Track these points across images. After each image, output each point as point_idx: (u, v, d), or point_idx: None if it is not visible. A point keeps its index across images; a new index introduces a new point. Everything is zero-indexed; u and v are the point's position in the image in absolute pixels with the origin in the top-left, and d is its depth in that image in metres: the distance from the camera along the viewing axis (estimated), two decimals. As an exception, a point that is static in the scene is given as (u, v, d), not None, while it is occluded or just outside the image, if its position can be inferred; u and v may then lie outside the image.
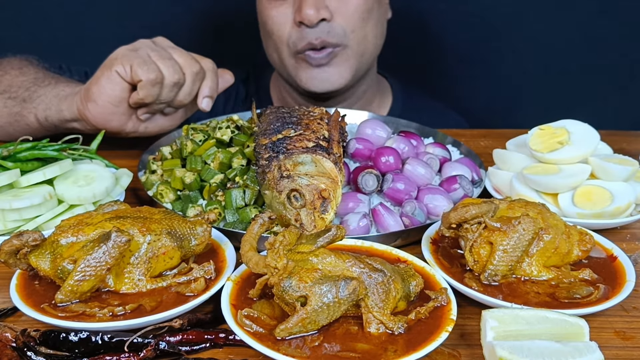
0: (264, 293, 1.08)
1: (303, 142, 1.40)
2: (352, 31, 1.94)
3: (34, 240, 1.08)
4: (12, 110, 1.77)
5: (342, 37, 1.93)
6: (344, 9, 1.91)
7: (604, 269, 1.21)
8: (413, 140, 1.63)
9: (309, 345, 0.97)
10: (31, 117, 1.73)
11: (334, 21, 1.91)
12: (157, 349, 1.00)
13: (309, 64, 1.97)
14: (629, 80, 2.91)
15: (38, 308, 1.04)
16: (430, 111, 2.34)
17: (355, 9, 1.93)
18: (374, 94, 2.27)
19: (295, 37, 1.93)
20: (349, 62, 1.99)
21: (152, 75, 1.52)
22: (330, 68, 1.97)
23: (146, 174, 1.59)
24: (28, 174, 1.37)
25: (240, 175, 1.46)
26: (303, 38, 1.91)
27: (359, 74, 2.06)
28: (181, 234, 1.16)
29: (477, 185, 1.58)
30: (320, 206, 1.28)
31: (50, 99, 1.71)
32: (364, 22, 1.96)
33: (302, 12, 1.85)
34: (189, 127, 1.64)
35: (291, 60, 2.00)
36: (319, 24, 1.89)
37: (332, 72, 1.98)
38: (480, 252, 1.16)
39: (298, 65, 1.99)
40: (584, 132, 1.52)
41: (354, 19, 1.93)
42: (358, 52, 1.99)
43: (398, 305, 1.06)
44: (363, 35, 1.98)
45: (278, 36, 1.97)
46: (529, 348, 0.95)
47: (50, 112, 1.70)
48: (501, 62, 2.89)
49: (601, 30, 2.79)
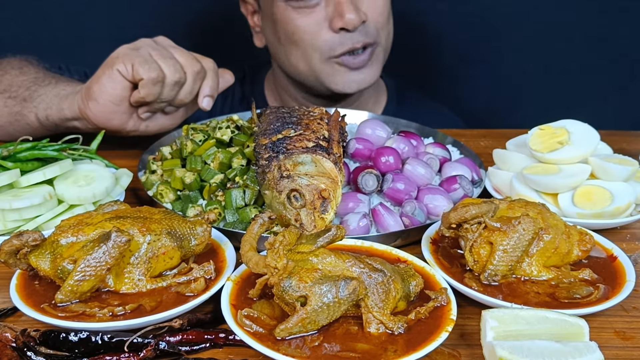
0: (264, 293, 1.08)
1: (303, 142, 1.40)
2: (382, 28, 1.99)
3: (34, 240, 1.08)
4: (13, 109, 1.77)
5: (375, 35, 1.97)
6: (373, 8, 1.95)
7: (604, 269, 1.21)
8: (413, 140, 1.63)
9: (309, 345, 0.97)
10: (32, 117, 1.73)
11: (368, 23, 1.94)
12: (157, 349, 1.00)
13: (348, 68, 1.98)
14: (629, 80, 2.91)
15: (38, 308, 1.04)
16: (426, 111, 2.35)
17: (381, 6, 1.97)
18: (371, 93, 2.28)
19: (333, 42, 1.94)
20: (379, 59, 2.04)
21: (153, 73, 1.52)
22: (366, 69, 2.01)
23: (146, 174, 1.59)
24: (28, 174, 1.37)
25: (240, 175, 1.46)
26: (343, 43, 1.93)
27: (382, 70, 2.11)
28: (181, 234, 1.16)
29: (477, 185, 1.58)
30: (320, 206, 1.28)
31: (51, 98, 1.71)
32: (388, 17, 2.02)
33: (345, 17, 1.87)
34: (189, 127, 1.64)
35: (324, 66, 1.99)
36: (360, 28, 1.91)
37: (367, 72, 2.02)
38: (480, 252, 1.16)
39: (334, 71, 2.00)
40: (584, 132, 1.52)
41: (382, 17, 1.98)
42: (386, 49, 2.05)
43: (398, 305, 1.06)
44: (388, 31, 2.04)
45: (311, 44, 1.96)
46: (529, 348, 0.95)
47: (51, 111, 1.70)
48: (501, 62, 2.89)
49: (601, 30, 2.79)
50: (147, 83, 1.53)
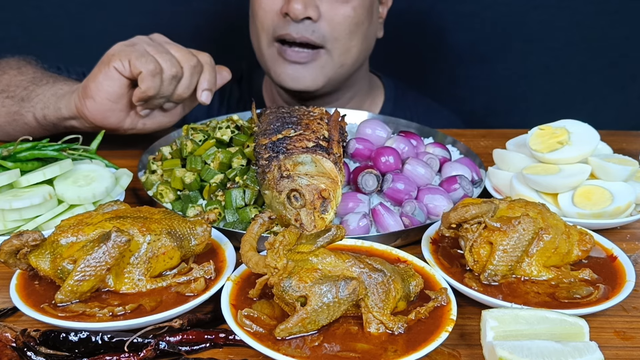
0: (264, 293, 1.08)
1: (303, 142, 1.40)
2: (336, 39, 1.94)
3: (34, 240, 1.08)
4: (10, 109, 1.77)
5: (325, 40, 1.93)
6: (332, 15, 1.91)
7: (604, 269, 1.21)
8: (413, 140, 1.63)
9: (309, 345, 0.97)
10: (29, 116, 1.73)
11: (319, 23, 1.91)
12: (157, 349, 1.00)
13: (283, 58, 1.96)
14: (629, 80, 2.91)
15: (38, 308, 1.04)
16: (424, 110, 2.34)
17: (344, 18, 1.92)
18: (365, 96, 2.27)
19: (276, 24, 1.93)
20: (325, 68, 1.98)
21: (150, 66, 1.52)
22: (303, 69, 1.97)
23: (146, 174, 1.59)
24: (28, 174, 1.37)
25: (240, 175, 1.46)
26: (283, 28, 1.91)
27: (333, 82, 2.05)
28: (181, 234, 1.16)
29: (477, 185, 1.58)
30: (320, 206, 1.28)
31: (48, 97, 1.71)
32: (350, 33, 1.95)
33: (290, 4, 1.86)
34: (189, 127, 1.64)
35: (269, 50, 1.99)
36: (303, 20, 1.89)
37: (305, 73, 1.98)
38: (480, 252, 1.16)
39: (274, 56, 1.99)
40: (584, 132, 1.52)
41: (340, 27, 1.93)
42: (338, 62, 1.99)
43: (398, 305, 1.06)
44: (347, 47, 1.97)
45: (261, 22, 1.96)
46: (529, 348, 0.95)
47: (48, 110, 1.70)
48: (501, 62, 2.90)
49: (601, 30, 2.79)
50: (146, 76, 1.52)
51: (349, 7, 1.91)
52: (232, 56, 2.70)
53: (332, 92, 2.12)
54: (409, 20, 2.73)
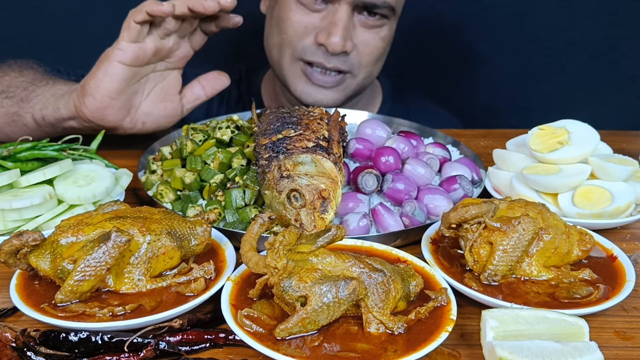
0: (264, 293, 1.08)
1: (303, 142, 1.40)
2: (365, 66, 2.00)
3: (34, 240, 1.08)
4: (9, 110, 1.76)
5: (353, 67, 1.97)
6: (364, 46, 1.95)
7: (604, 269, 1.21)
8: (413, 140, 1.63)
9: (309, 345, 0.97)
10: (28, 117, 1.72)
11: (351, 54, 1.94)
12: (157, 349, 1.00)
13: (310, 81, 1.98)
14: (629, 80, 2.92)
15: (38, 308, 1.04)
16: (422, 111, 2.34)
17: (374, 50, 1.98)
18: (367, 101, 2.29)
19: (308, 50, 1.94)
20: (347, 90, 2.03)
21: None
22: (327, 91, 2.00)
23: (146, 174, 1.59)
24: (28, 174, 1.37)
25: (240, 175, 1.46)
26: (316, 55, 1.93)
27: (350, 98, 2.10)
28: (181, 234, 1.16)
29: (477, 185, 1.58)
30: (320, 206, 1.28)
31: (47, 98, 1.71)
32: (376, 61, 2.02)
33: (330, 38, 1.87)
34: (189, 127, 1.64)
35: (292, 65, 1.99)
36: (339, 54, 1.91)
37: (328, 95, 2.01)
38: (480, 252, 1.16)
39: (297, 75, 2.00)
40: (584, 132, 1.52)
41: (370, 57, 1.99)
42: (360, 84, 2.05)
43: (398, 305, 1.06)
44: (371, 71, 2.04)
45: (290, 41, 1.96)
46: (529, 348, 0.95)
47: (47, 111, 1.69)
48: (501, 62, 2.90)
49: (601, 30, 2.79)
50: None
51: (378, 38, 1.97)
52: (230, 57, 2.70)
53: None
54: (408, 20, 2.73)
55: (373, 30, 1.94)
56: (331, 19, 1.88)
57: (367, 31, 1.94)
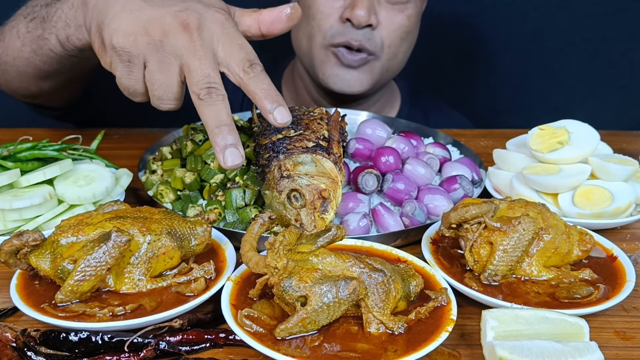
0: (264, 293, 1.08)
1: (303, 142, 1.40)
2: (389, 46, 1.97)
3: (34, 240, 1.08)
4: (35, 34, 1.50)
5: (378, 48, 1.96)
6: (388, 23, 1.94)
7: (604, 269, 1.21)
8: (413, 140, 1.63)
9: (309, 345, 0.97)
10: (53, 40, 1.46)
11: (376, 31, 1.93)
12: (157, 349, 1.00)
13: (339, 61, 1.97)
14: (629, 80, 2.92)
15: (38, 308, 1.04)
16: (437, 113, 2.35)
17: (399, 26, 1.96)
18: (387, 100, 2.28)
19: (336, 30, 1.93)
20: (373, 72, 2.01)
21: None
22: (355, 72, 1.99)
23: (146, 174, 1.59)
24: (28, 174, 1.37)
25: (240, 175, 1.46)
26: (343, 34, 1.92)
27: (377, 85, 2.09)
28: (181, 234, 1.16)
29: (477, 185, 1.58)
30: (320, 206, 1.28)
31: (66, 12, 1.41)
32: (401, 41, 1.99)
33: (355, 10, 1.86)
34: (189, 127, 1.64)
35: (321, 51, 1.99)
36: (364, 27, 1.90)
37: (356, 76, 1.99)
38: (480, 252, 1.16)
39: (327, 58, 1.99)
40: (584, 132, 1.52)
41: (394, 35, 1.96)
42: (385, 67, 2.02)
43: (398, 305, 1.06)
44: (395, 53, 2.01)
45: (318, 24, 1.96)
46: (529, 348, 0.95)
47: (70, 30, 1.40)
48: (501, 62, 2.90)
49: (601, 30, 2.79)
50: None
51: (404, 15, 1.95)
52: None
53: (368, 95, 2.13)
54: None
55: (397, 7, 1.94)
56: None
57: (392, 7, 1.93)
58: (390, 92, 2.30)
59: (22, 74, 1.65)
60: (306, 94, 2.20)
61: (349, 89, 2.01)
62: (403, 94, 2.34)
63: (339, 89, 2.01)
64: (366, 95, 2.12)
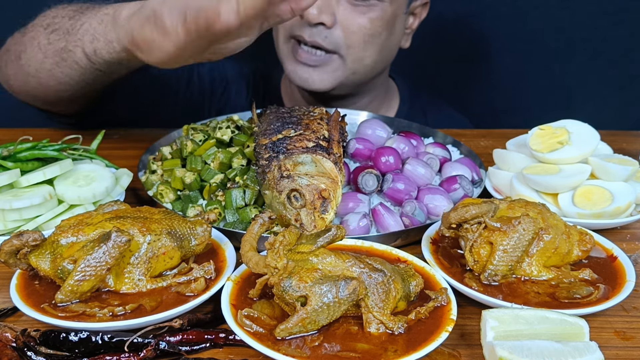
0: (264, 293, 1.08)
1: (303, 142, 1.40)
2: (350, 47, 1.93)
3: (34, 240, 1.08)
4: (57, 46, 1.52)
5: (338, 47, 1.92)
6: (347, 23, 1.90)
7: (604, 269, 1.21)
8: (413, 140, 1.63)
9: (309, 345, 0.97)
10: (78, 53, 1.47)
11: (334, 30, 1.90)
12: (157, 349, 1.00)
13: (295, 59, 1.97)
14: (629, 80, 2.91)
15: (38, 308, 1.04)
16: (437, 113, 2.35)
17: (359, 28, 1.91)
18: (382, 101, 2.28)
19: (294, 23, 1.91)
20: (337, 72, 1.97)
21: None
22: (313, 71, 1.96)
23: (146, 174, 1.59)
24: (28, 174, 1.37)
25: (240, 175, 1.46)
26: (299, 29, 1.91)
27: (345, 87, 2.05)
28: (181, 234, 1.16)
29: (477, 185, 1.58)
30: (320, 206, 1.28)
31: (95, 26, 1.44)
32: (364, 44, 1.94)
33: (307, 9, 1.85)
34: (189, 127, 1.64)
35: (285, 45, 1.99)
36: (317, 25, 1.88)
37: (314, 75, 1.97)
38: (480, 252, 1.16)
39: (288, 54, 1.99)
40: (584, 132, 1.52)
41: (354, 36, 1.92)
42: (350, 69, 1.98)
43: (398, 305, 1.06)
44: (360, 56, 1.96)
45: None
46: (529, 348, 0.95)
47: (98, 43, 1.42)
48: (501, 62, 2.90)
49: (601, 30, 2.79)
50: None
51: (365, 18, 1.91)
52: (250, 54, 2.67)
53: (349, 96, 2.11)
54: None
55: (358, 9, 1.89)
56: None
57: (353, 9, 1.89)
58: (386, 91, 2.29)
59: (43, 85, 1.65)
60: (301, 97, 2.20)
61: (310, 86, 1.98)
62: (402, 94, 2.34)
63: (301, 85, 2.00)
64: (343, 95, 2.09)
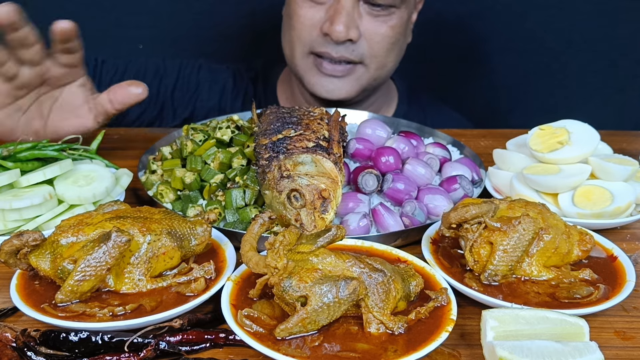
0: (264, 293, 1.08)
1: (303, 142, 1.40)
2: (375, 56, 1.98)
3: (34, 240, 1.08)
4: None
5: (364, 57, 1.97)
6: (372, 36, 1.94)
7: (604, 269, 1.21)
8: (413, 140, 1.63)
9: (309, 345, 0.97)
10: None
11: (359, 42, 1.93)
12: (157, 349, 1.00)
13: (320, 72, 1.99)
14: (629, 80, 2.92)
15: (38, 308, 1.04)
16: (436, 113, 2.35)
17: (383, 38, 1.96)
18: (383, 101, 2.28)
19: (316, 41, 1.95)
20: (361, 80, 2.02)
21: None
22: (339, 81, 2.00)
23: (146, 174, 1.59)
24: (28, 174, 1.37)
25: (240, 175, 1.46)
26: (324, 46, 1.93)
27: (366, 92, 2.09)
28: (181, 234, 1.16)
29: (477, 185, 1.58)
30: (320, 206, 1.28)
31: None
32: (387, 51, 2.00)
33: (332, 26, 1.87)
34: (189, 127, 1.64)
35: (304, 60, 2.01)
36: (344, 42, 1.90)
37: (340, 85, 2.00)
38: (480, 252, 1.16)
39: (309, 68, 2.01)
40: (584, 132, 1.52)
41: (379, 45, 1.97)
42: (373, 75, 2.03)
43: (398, 305, 1.06)
44: (384, 62, 2.02)
45: (298, 36, 1.97)
46: (529, 348, 0.95)
47: None
48: (501, 62, 2.90)
49: (601, 30, 2.80)
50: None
51: (387, 26, 1.95)
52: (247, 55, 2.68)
53: (359, 99, 2.13)
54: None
55: (380, 19, 1.94)
56: (335, 7, 1.88)
57: (374, 19, 1.93)
58: (387, 92, 2.30)
59: None
60: (301, 96, 2.21)
61: (335, 96, 2.02)
62: (401, 94, 2.34)
63: (324, 97, 2.02)
64: (358, 100, 2.13)
